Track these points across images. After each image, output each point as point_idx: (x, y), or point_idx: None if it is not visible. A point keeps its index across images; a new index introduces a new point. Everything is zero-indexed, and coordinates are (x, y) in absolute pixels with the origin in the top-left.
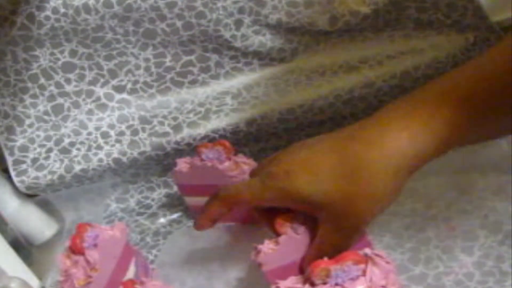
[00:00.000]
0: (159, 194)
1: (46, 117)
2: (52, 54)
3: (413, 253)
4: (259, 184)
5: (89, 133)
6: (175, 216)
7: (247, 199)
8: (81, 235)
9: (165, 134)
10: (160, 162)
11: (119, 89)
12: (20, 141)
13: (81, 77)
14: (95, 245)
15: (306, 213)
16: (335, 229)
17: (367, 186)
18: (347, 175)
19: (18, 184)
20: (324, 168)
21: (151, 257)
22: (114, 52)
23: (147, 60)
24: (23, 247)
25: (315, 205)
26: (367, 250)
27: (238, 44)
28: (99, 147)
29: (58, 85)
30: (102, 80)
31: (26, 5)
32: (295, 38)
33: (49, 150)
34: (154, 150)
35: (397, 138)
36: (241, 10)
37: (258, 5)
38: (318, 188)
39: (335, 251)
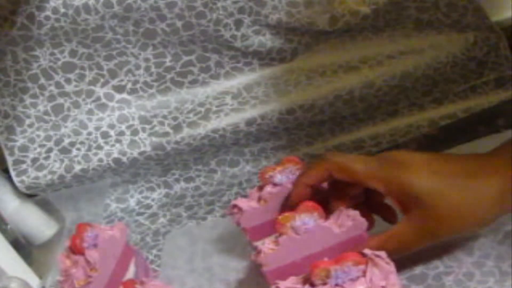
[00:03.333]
0: (159, 194)
1: (46, 117)
2: (52, 54)
3: (413, 253)
4: (374, 163)
5: (89, 133)
6: (175, 216)
7: (357, 172)
8: (81, 235)
9: (165, 134)
10: (160, 162)
11: (119, 89)
12: (20, 141)
13: (81, 77)
14: (95, 245)
15: (385, 206)
16: (418, 230)
17: (478, 207)
18: (467, 188)
19: (18, 184)
20: (446, 171)
21: (151, 257)
22: (114, 52)
23: (147, 60)
24: (23, 247)
25: (419, 202)
26: (367, 251)
27: (238, 44)
28: (99, 147)
29: (58, 85)
30: (102, 80)
31: (26, 5)
32: (295, 38)
33: (49, 150)
34: (154, 150)
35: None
36: (241, 10)
37: (258, 5)
38: (434, 187)
39: (398, 250)
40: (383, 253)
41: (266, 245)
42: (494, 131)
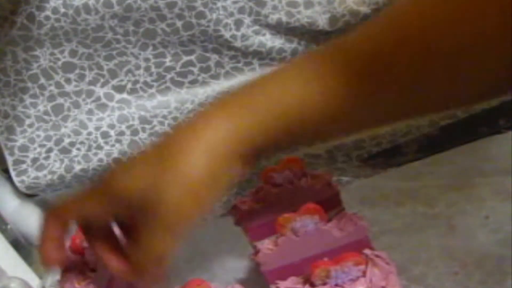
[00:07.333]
0: None
1: (46, 117)
2: (52, 54)
3: (413, 253)
4: (86, 192)
5: (89, 133)
6: None
7: (76, 207)
8: (81, 235)
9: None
10: None
11: (119, 89)
12: (20, 141)
13: (81, 77)
14: None
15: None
16: (148, 230)
17: (178, 172)
18: (158, 162)
19: (18, 184)
20: (137, 160)
21: None
22: (114, 52)
23: (147, 60)
24: (23, 247)
25: (131, 201)
26: (367, 251)
27: (238, 44)
28: (99, 147)
29: (58, 85)
30: (102, 80)
31: (26, 5)
32: (295, 38)
33: (49, 150)
34: None
35: (215, 125)
36: (241, 10)
37: (258, 5)
38: (131, 180)
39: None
40: (383, 253)
41: (266, 245)
42: (495, 132)
